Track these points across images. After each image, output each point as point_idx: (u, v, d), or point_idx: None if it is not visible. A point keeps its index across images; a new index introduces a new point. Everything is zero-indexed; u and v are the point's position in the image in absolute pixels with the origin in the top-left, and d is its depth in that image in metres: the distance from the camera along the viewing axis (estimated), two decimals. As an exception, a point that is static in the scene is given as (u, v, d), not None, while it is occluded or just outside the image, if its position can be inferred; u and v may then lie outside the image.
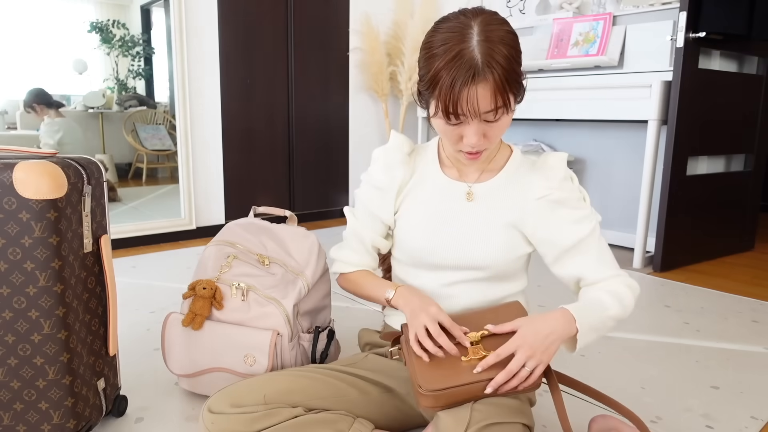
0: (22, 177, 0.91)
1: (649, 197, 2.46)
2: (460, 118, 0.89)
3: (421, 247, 1.04)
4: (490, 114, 0.88)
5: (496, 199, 1.03)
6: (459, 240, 1.02)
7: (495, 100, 0.86)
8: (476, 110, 0.87)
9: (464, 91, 0.85)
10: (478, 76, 0.84)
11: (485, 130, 0.91)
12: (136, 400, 1.27)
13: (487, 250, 1.01)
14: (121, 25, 3.61)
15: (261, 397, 0.95)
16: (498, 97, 0.86)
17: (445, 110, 0.88)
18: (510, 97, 0.88)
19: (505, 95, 0.87)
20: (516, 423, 0.89)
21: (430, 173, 1.07)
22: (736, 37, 2.40)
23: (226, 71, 2.94)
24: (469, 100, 0.86)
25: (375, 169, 1.09)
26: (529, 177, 1.03)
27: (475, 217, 1.02)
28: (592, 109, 2.59)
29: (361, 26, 3.44)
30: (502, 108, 0.88)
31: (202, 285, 1.19)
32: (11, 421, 0.98)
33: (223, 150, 2.99)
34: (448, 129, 0.92)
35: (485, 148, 0.93)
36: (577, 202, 1.00)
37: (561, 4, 3.06)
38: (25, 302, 0.94)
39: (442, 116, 0.90)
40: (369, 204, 1.10)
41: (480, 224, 1.02)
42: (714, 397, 1.33)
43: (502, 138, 1.04)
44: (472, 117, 0.88)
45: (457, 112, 0.87)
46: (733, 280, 2.34)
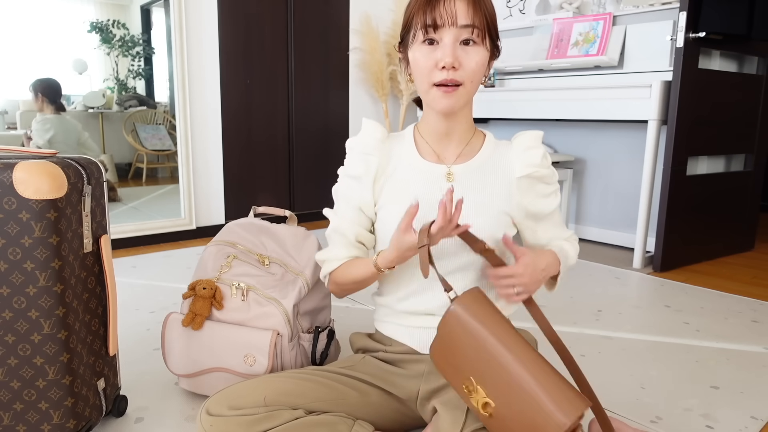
0: (22, 177, 0.91)
1: (649, 197, 2.46)
2: (437, 31, 0.91)
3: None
4: (467, 30, 0.91)
5: (477, 180, 1.03)
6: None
7: (472, 15, 0.91)
8: (453, 16, 0.90)
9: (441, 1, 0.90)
10: None
11: (460, 54, 0.92)
12: (136, 400, 1.27)
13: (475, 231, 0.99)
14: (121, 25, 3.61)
15: (261, 399, 0.95)
16: (475, 15, 0.91)
17: (423, 24, 0.91)
18: (486, 27, 0.93)
19: (482, 19, 0.92)
20: None
21: (407, 158, 1.04)
22: (736, 37, 2.40)
23: (226, 71, 2.94)
24: (448, 7, 0.90)
25: (350, 159, 1.06)
26: (508, 157, 1.04)
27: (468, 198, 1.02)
28: (592, 109, 2.59)
29: (361, 26, 3.44)
30: (477, 29, 0.91)
31: (202, 285, 1.19)
32: (11, 421, 0.98)
33: (223, 150, 2.99)
34: (423, 57, 0.93)
35: (459, 80, 0.93)
36: (551, 178, 1.05)
37: (561, 4, 3.06)
38: (25, 302, 0.94)
39: (421, 34, 0.92)
40: (348, 196, 1.06)
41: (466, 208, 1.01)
42: (714, 397, 1.33)
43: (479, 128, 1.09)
44: (450, 24, 0.90)
45: (435, 21, 0.90)
46: (733, 280, 2.34)
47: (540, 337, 1.10)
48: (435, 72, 0.93)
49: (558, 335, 0.97)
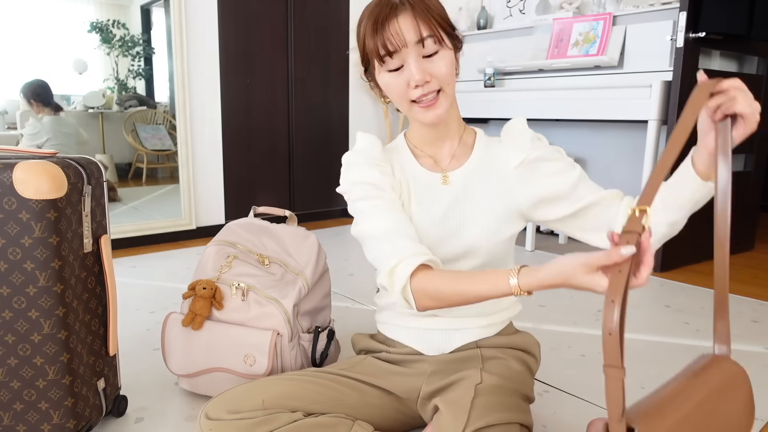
0: (22, 177, 0.91)
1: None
2: (393, 56, 0.89)
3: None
4: (419, 45, 0.88)
5: (475, 182, 1.01)
6: (449, 231, 0.99)
7: (419, 28, 0.88)
8: (403, 39, 0.87)
9: (386, 26, 0.87)
10: (396, 9, 0.88)
11: (427, 67, 0.90)
12: (136, 400, 1.27)
13: (476, 236, 0.98)
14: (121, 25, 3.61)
15: (259, 402, 0.95)
16: (422, 25, 0.88)
17: (377, 53, 0.89)
18: (439, 30, 0.89)
19: (432, 25, 0.88)
20: (514, 423, 0.89)
21: (408, 168, 1.03)
22: (736, 37, 2.40)
23: (226, 71, 2.94)
24: (393, 31, 0.87)
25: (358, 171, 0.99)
26: (500, 151, 1.02)
27: (460, 205, 1.00)
28: (592, 109, 2.59)
29: (361, 26, 3.44)
30: (432, 38, 0.89)
31: (202, 285, 1.19)
32: (11, 421, 0.98)
33: (223, 150, 2.99)
34: (393, 81, 0.92)
35: (435, 88, 0.91)
36: (554, 154, 1.00)
37: (561, 4, 3.06)
38: (25, 302, 0.94)
39: (378, 63, 0.91)
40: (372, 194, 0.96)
41: (465, 212, 0.99)
42: (714, 397, 1.33)
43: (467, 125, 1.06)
44: (401, 47, 0.88)
45: (387, 48, 0.88)
46: (733, 280, 2.34)
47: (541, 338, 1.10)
48: (409, 91, 0.91)
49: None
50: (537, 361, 1.10)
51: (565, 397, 1.31)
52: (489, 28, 3.52)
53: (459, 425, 0.86)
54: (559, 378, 1.40)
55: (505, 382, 0.96)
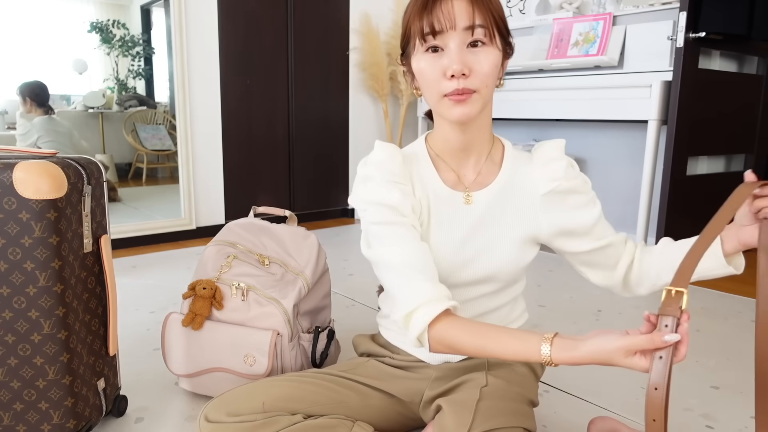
0: (22, 177, 0.91)
1: (649, 197, 2.46)
2: (436, 36, 0.82)
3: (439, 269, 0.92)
4: (469, 32, 0.81)
5: (499, 205, 0.95)
6: (468, 257, 0.95)
7: (473, 14, 0.81)
8: (453, 21, 0.80)
9: (439, 3, 0.81)
10: None
11: (469, 59, 0.82)
12: (136, 400, 1.27)
13: (500, 263, 0.95)
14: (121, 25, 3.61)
15: (259, 404, 0.94)
16: (477, 13, 0.81)
17: (420, 31, 0.82)
18: (493, 25, 0.83)
19: (487, 16, 0.82)
20: (518, 428, 0.88)
21: (430, 183, 0.95)
22: (736, 37, 2.40)
23: (226, 71, 2.94)
24: (445, 10, 0.81)
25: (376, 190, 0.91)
26: (530, 173, 0.96)
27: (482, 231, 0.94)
28: (592, 109, 2.59)
29: (361, 26, 3.44)
30: (484, 29, 0.82)
31: (202, 285, 1.19)
32: (11, 421, 0.98)
33: (223, 150, 2.99)
34: (429, 66, 0.84)
35: (473, 87, 0.83)
36: (583, 186, 0.96)
37: (561, 4, 3.06)
38: (25, 302, 0.94)
39: (420, 41, 0.83)
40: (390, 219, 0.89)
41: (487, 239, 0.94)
42: (714, 397, 1.33)
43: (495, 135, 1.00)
44: (449, 28, 0.81)
45: (434, 26, 0.81)
46: (733, 280, 2.34)
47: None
48: (444, 82, 0.83)
49: None
50: (542, 366, 1.09)
51: (565, 397, 1.31)
52: (489, 28, 3.52)
53: (463, 427, 0.86)
54: (559, 378, 1.40)
55: (511, 386, 0.95)
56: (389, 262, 0.87)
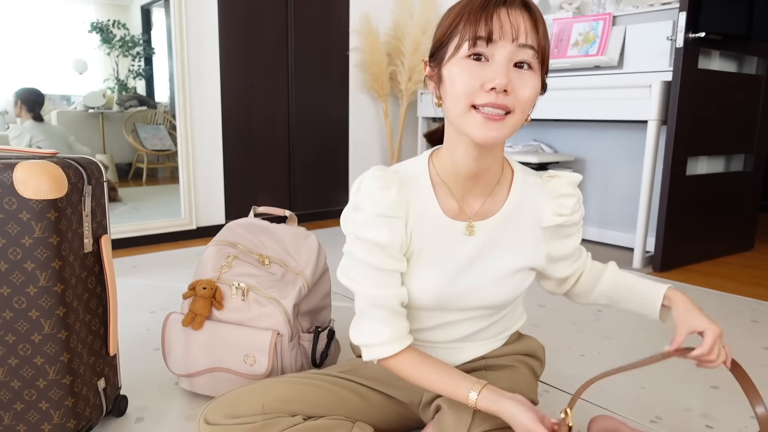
0: (23, 177, 0.91)
1: (648, 197, 2.46)
2: (488, 47, 0.74)
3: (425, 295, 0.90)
4: (524, 51, 0.75)
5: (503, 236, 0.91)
6: (467, 288, 0.91)
7: (534, 33, 0.75)
8: (515, 31, 0.73)
9: (498, 10, 0.74)
10: (516, 2, 0.75)
11: (513, 77, 0.75)
12: (136, 400, 1.27)
13: (497, 296, 0.92)
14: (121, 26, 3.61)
15: (259, 406, 0.94)
16: (537, 34, 0.75)
17: (474, 35, 0.74)
18: (541, 55, 0.77)
19: (543, 42, 0.76)
20: None
21: (426, 210, 0.88)
22: (735, 37, 2.40)
23: (226, 71, 2.94)
24: (504, 18, 0.74)
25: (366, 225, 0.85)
26: (537, 202, 0.92)
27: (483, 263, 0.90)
28: (592, 109, 2.59)
29: (361, 26, 3.45)
30: (537, 54, 0.76)
31: (202, 285, 1.19)
32: (11, 421, 0.98)
33: (223, 150, 3.00)
34: (464, 71, 0.76)
35: (509, 107, 0.76)
36: (580, 220, 0.95)
37: (561, 4, 3.06)
38: (25, 302, 0.94)
39: (466, 46, 0.75)
40: (374, 264, 0.86)
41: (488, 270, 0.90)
42: (714, 397, 1.33)
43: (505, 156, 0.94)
44: (504, 38, 0.73)
45: (492, 34, 0.73)
46: (733, 280, 2.34)
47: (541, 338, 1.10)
48: (479, 93, 0.75)
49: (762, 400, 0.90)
50: (542, 365, 1.09)
51: (565, 396, 1.31)
52: (489, 28, 3.52)
53: (462, 427, 0.86)
54: (559, 378, 1.40)
55: (510, 385, 0.95)
56: (361, 293, 0.88)
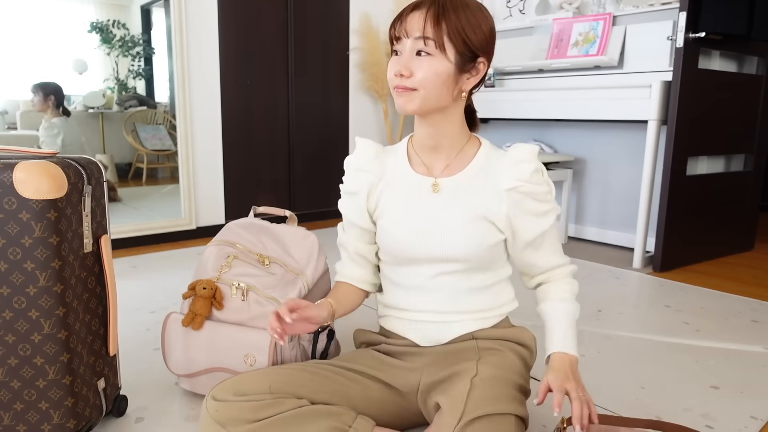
0: (23, 177, 0.91)
1: (648, 197, 2.46)
2: (398, 43, 0.97)
3: (396, 244, 1.05)
4: (420, 41, 0.95)
5: (465, 192, 1.04)
6: (432, 235, 1.03)
7: (425, 27, 0.94)
8: (407, 30, 0.96)
9: (404, 16, 0.97)
10: (423, 6, 0.96)
11: (411, 63, 0.96)
12: (136, 400, 1.27)
13: (459, 243, 1.02)
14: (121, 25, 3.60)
15: (266, 386, 0.97)
16: (429, 26, 0.94)
17: (390, 37, 0.99)
18: (445, 41, 0.94)
19: (439, 32, 0.94)
20: (508, 414, 0.91)
21: (399, 171, 1.08)
22: (735, 37, 2.40)
23: (226, 71, 2.94)
24: (406, 21, 0.96)
25: (346, 177, 1.12)
26: (499, 168, 1.04)
27: (446, 211, 1.03)
28: (592, 109, 2.59)
29: (361, 26, 3.44)
30: (431, 42, 0.94)
31: (202, 285, 1.19)
32: (11, 421, 0.98)
33: (223, 150, 3.00)
34: (390, 65, 0.99)
35: (411, 87, 0.96)
36: (545, 195, 1.03)
37: (561, 4, 3.06)
38: (25, 302, 0.94)
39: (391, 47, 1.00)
40: (347, 212, 1.13)
41: (450, 218, 1.03)
42: (714, 397, 1.33)
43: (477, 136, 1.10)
44: (404, 36, 0.96)
45: (397, 32, 0.97)
46: (733, 280, 2.34)
47: (541, 338, 1.10)
48: (394, 78, 0.98)
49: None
50: (533, 355, 1.11)
51: (565, 397, 1.31)
52: (489, 28, 3.52)
53: (455, 418, 0.89)
54: (559, 378, 1.40)
55: (501, 373, 0.98)
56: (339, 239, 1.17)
